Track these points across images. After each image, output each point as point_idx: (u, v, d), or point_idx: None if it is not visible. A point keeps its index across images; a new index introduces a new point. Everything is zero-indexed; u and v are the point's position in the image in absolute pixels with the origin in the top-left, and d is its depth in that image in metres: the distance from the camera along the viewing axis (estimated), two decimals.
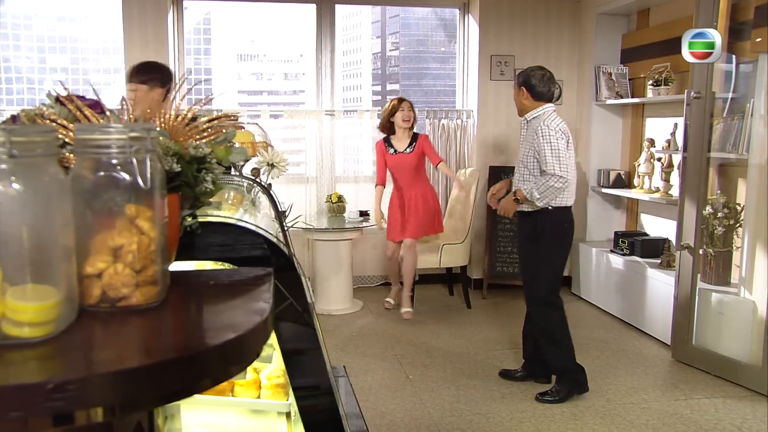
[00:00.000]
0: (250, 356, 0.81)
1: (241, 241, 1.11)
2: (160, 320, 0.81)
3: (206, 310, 0.89)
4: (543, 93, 3.34)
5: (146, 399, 0.69)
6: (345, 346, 4.15)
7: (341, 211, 5.23)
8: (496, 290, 5.41)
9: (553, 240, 3.34)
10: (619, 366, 3.86)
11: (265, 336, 0.83)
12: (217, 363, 0.74)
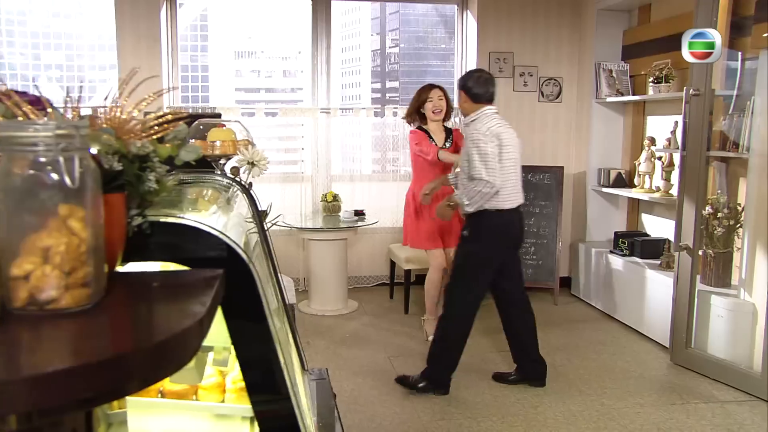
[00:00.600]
0: (181, 359, 0.79)
1: (195, 242, 1.10)
2: (89, 323, 0.79)
3: (141, 313, 0.88)
4: (480, 94, 3.40)
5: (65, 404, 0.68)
6: (337, 348, 4.14)
7: (336, 211, 5.21)
8: None
9: (481, 242, 3.35)
10: (616, 369, 3.83)
11: (197, 339, 0.81)
12: (142, 366, 0.73)
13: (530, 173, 5.31)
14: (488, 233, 3.33)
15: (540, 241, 5.24)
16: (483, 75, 3.47)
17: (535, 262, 5.24)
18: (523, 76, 5.43)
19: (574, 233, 5.51)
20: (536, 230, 5.26)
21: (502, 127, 3.34)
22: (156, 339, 0.77)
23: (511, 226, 3.39)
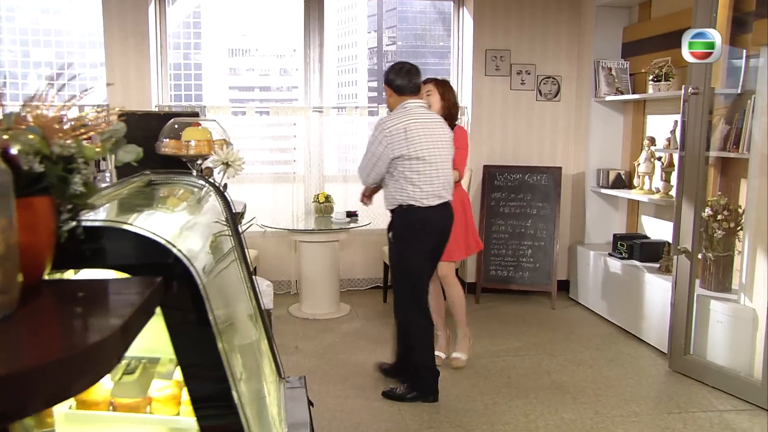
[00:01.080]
0: (95, 373, 0.74)
1: (133, 248, 1.04)
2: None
3: (58, 323, 0.82)
4: (403, 86, 3.25)
5: None
6: (326, 353, 4.08)
7: (329, 212, 5.16)
8: (490, 295, 5.32)
9: (406, 241, 3.30)
10: (612, 376, 3.76)
11: (114, 352, 0.76)
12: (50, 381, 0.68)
13: (527, 174, 5.25)
14: (410, 230, 3.28)
15: (537, 243, 5.18)
16: (405, 66, 3.30)
17: (532, 265, 5.18)
18: (521, 75, 5.36)
19: (573, 235, 5.44)
20: (533, 232, 5.19)
21: (416, 121, 3.20)
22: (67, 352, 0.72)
23: (431, 224, 3.29)
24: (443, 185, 3.29)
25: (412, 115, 3.21)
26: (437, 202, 3.25)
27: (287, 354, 4.06)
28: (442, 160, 3.28)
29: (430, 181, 3.22)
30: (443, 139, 3.29)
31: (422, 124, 3.21)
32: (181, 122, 2.31)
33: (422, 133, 3.19)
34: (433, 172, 3.23)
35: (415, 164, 3.18)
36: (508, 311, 5.03)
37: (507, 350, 4.17)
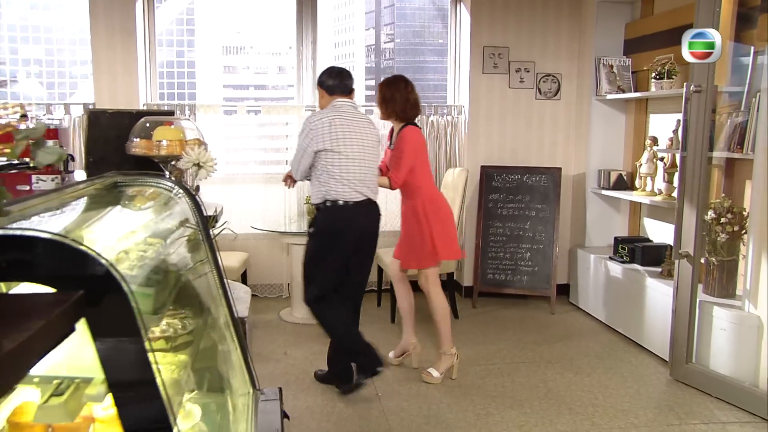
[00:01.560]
0: None
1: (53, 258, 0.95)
2: None
3: None
4: (333, 86, 3.35)
5: None
6: (314, 359, 3.99)
7: None
8: (487, 299, 5.22)
9: (324, 237, 3.34)
10: (611, 385, 3.66)
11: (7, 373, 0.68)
12: None
13: (526, 174, 5.15)
14: (328, 226, 3.32)
15: (536, 246, 5.08)
16: (336, 68, 3.45)
17: (531, 269, 5.08)
18: (519, 72, 5.27)
19: (573, 238, 5.34)
20: (532, 235, 5.09)
21: (342, 118, 3.28)
22: None
23: (352, 222, 3.32)
24: (365, 183, 3.33)
25: (337, 112, 3.30)
26: (359, 198, 3.30)
27: (275, 360, 3.98)
28: (366, 159, 3.34)
29: (351, 177, 3.28)
30: (368, 140, 3.36)
31: (347, 122, 3.29)
32: (153, 121, 2.23)
33: (346, 129, 3.27)
34: (354, 168, 3.28)
35: (337, 158, 3.25)
36: (505, 316, 4.93)
37: (503, 357, 4.07)
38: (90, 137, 2.28)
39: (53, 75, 6.49)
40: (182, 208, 2.02)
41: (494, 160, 5.29)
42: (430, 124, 5.34)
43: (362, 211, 3.32)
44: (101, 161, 2.25)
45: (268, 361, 3.96)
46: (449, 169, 5.18)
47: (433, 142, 5.35)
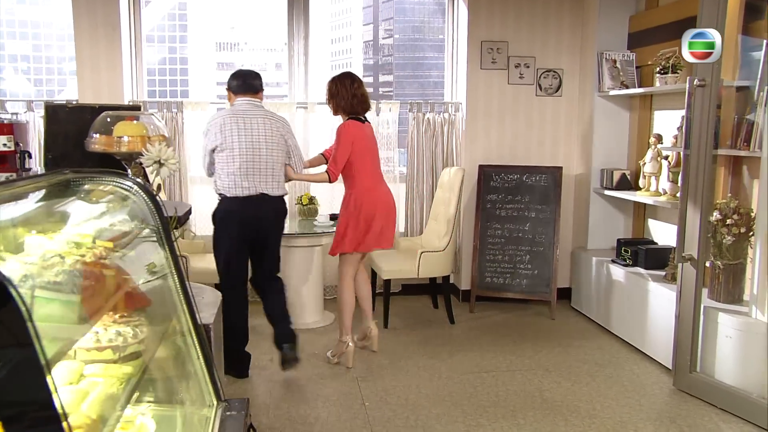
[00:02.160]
0: None
1: None
2: None
3: None
4: (236, 86, 3.58)
5: None
6: (301, 367, 3.88)
7: (313, 214, 4.98)
8: (485, 303, 5.11)
9: (216, 226, 3.62)
10: (610, 394, 3.53)
11: None
12: None
13: (526, 174, 5.03)
14: (217, 217, 3.60)
15: (536, 248, 4.96)
16: (241, 70, 3.70)
17: (531, 272, 4.96)
18: (519, 68, 5.15)
19: (575, 240, 5.21)
20: (532, 237, 4.97)
21: (236, 116, 3.49)
22: None
23: (238, 213, 3.53)
24: (255, 177, 3.51)
25: (235, 111, 3.52)
26: (246, 193, 3.50)
27: (260, 368, 3.88)
28: (259, 155, 3.51)
29: (239, 172, 3.47)
30: (266, 136, 3.52)
31: (242, 120, 3.49)
32: (114, 116, 2.13)
33: (241, 126, 3.47)
34: (243, 164, 3.48)
35: (226, 155, 3.47)
36: (503, 321, 4.81)
37: (497, 365, 3.95)
38: (49, 133, 2.18)
39: (41, 71, 6.41)
40: (140, 209, 1.92)
41: (493, 159, 5.17)
42: (426, 122, 5.23)
43: (251, 203, 3.52)
44: (62, 158, 2.16)
45: (252, 368, 3.85)
46: (445, 168, 5.07)
47: (429, 140, 5.24)
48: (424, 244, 4.92)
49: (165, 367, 1.91)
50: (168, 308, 1.93)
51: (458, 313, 4.91)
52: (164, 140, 2.14)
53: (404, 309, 5.11)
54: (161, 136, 2.15)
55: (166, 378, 1.91)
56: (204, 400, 2.01)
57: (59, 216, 1.67)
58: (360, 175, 3.82)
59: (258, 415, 3.23)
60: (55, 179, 1.78)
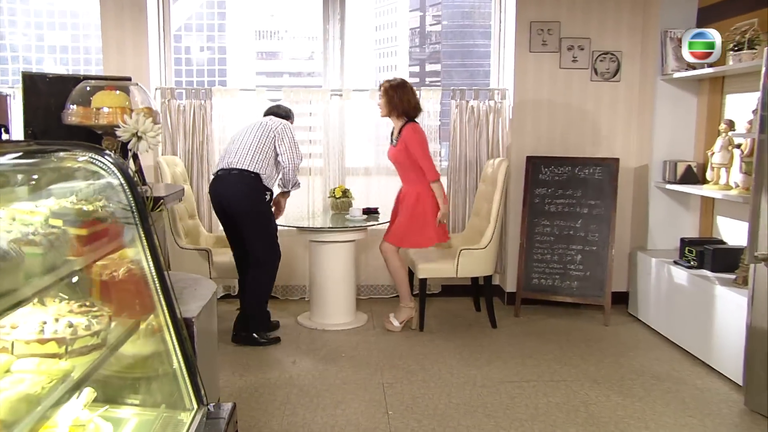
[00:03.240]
0: None
1: None
2: None
3: None
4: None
5: None
6: (325, 370, 3.70)
7: (346, 208, 4.78)
8: (532, 307, 4.81)
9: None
10: (668, 412, 3.18)
11: None
12: None
13: (578, 166, 4.70)
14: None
15: (588, 247, 4.62)
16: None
17: (582, 273, 4.62)
18: (572, 50, 4.81)
19: (633, 239, 4.84)
20: (583, 234, 4.63)
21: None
22: None
23: (211, 191, 4.05)
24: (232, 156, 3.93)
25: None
26: (217, 170, 4.00)
27: (281, 369, 3.71)
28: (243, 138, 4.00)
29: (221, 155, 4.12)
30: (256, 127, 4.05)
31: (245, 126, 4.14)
32: (95, 86, 1.98)
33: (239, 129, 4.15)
34: (227, 147, 4.08)
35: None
36: (550, 327, 4.49)
37: (540, 374, 3.66)
38: (28, 106, 2.06)
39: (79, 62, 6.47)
40: (111, 186, 1.75)
41: (542, 150, 4.85)
42: (469, 110, 4.96)
43: (218, 179, 3.96)
44: (43, 134, 2.03)
45: (273, 369, 3.69)
46: (489, 160, 4.79)
47: (473, 130, 4.97)
48: (465, 242, 4.65)
49: (134, 365, 1.74)
50: (140, 297, 1.76)
51: (501, 317, 4.62)
52: (150, 113, 1.98)
53: (443, 311, 4.86)
54: (147, 109, 2.00)
55: (134, 378, 1.75)
56: (182, 403, 1.83)
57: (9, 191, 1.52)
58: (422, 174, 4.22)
59: (269, 421, 3.05)
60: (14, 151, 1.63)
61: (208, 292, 2.14)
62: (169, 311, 1.82)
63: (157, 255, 1.81)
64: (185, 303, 2.04)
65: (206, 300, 2.05)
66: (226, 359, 3.83)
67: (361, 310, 4.80)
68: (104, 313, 1.60)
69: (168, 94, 4.76)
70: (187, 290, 2.17)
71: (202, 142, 4.81)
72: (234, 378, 3.56)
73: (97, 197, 1.69)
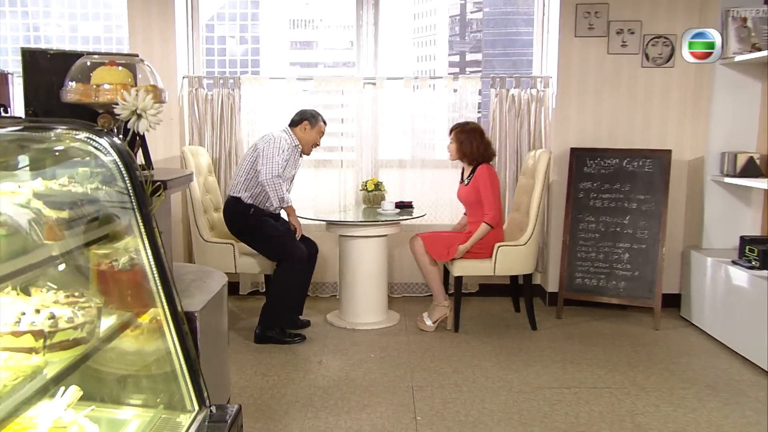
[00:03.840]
0: None
1: None
2: None
3: None
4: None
5: None
6: (352, 372, 3.57)
7: (379, 202, 4.64)
8: (576, 308, 4.60)
9: None
10: (725, 426, 2.94)
11: None
12: None
13: (627, 158, 4.46)
14: None
15: (636, 245, 4.37)
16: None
17: (630, 273, 4.38)
18: (622, 34, 4.57)
19: (686, 237, 4.57)
20: (632, 232, 4.39)
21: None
22: None
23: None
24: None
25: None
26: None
27: (306, 370, 3.60)
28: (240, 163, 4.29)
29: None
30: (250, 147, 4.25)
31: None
32: (96, 62, 1.89)
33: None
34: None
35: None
36: (595, 330, 4.27)
37: (582, 380, 3.45)
38: (29, 84, 1.99)
39: None
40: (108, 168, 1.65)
41: (587, 142, 4.62)
42: (510, 99, 4.76)
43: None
44: (45, 113, 1.95)
45: (297, 370, 3.58)
46: (531, 152, 4.59)
47: (513, 120, 4.78)
48: (504, 238, 4.46)
49: (129, 361, 1.64)
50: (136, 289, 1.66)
51: (542, 319, 4.42)
52: (153, 91, 1.88)
53: (480, 312, 4.68)
54: (151, 87, 1.89)
55: (129, 376, 1.64)
56: (183, 404, 1.72)
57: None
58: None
59: (290, 424, 2.94)
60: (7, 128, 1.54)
61: (217, 285, 2.03)
62: (169, 304, 1.71)
63: (156, 243, 1.70)
64: (191, 296, 1.93)
65: (213, 293, 1.94)
66: (249, 358, 3.74)
67: (393, 309, 4.66)
68: (92, 304, 1.49)
69: (195, 83, 4.70)
70: (195, 283, 2.06)
71: (230, 132, 4.73)
72: (256, 378, 3.46)
73: (89, 179, 1.58)
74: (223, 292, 2.07)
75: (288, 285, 4.01)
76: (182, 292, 2.05)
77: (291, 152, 4.13)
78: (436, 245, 4.20)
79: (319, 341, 4.07)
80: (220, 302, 2.05)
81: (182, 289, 2.05)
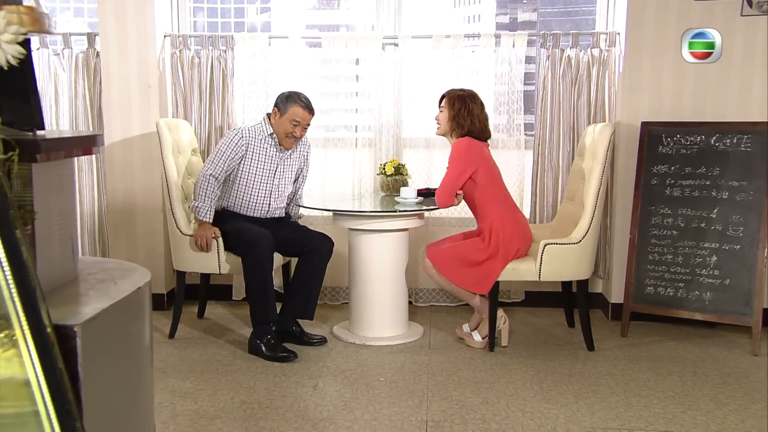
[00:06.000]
0: None
1: None
2: None
3: None
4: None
5: None
6: (352, 401, 3.17)
7: (399, 188, 4.23)
8: (645, 324, 4.17)
9: None
10: None
11: None
12: None
13: (715, 135, 4.02)
14: None
15: (727, 246, 3.88)
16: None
17: (719, 282, 3.90)
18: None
19: None
20: (721, 228, 3.91)
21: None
22: None
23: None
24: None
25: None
26: None
27: (296, 396, 3.23)
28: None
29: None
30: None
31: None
32: None
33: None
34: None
35: None
36: (670, 353, 3.81)
37: (652, 420, 2.99)
38: None
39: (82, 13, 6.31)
40: None
41: (664, 114, 4.15)
42: (565, 62, 4.31)
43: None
44: None
45: (285, 396, 3.21)
46: (589, 126, 4.13)
47: (569, 87, 4.32)
48: (552, 234, 4.01)
49: None
50: None
51: (602, 337, 3.99)
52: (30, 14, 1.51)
53: (524, 325, 4.27)
54: (25, 8, 1.52)
55: None
56: None
57: None
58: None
59: None
60: None
61: (131, 286, 1.64)
62: (28, 318, 1.34)
63: (9, 228, 1.33)
64: (81, 303, 1.56)
65: (117, 299, 1.56)
66: (228, 379, 3.41)
67: (417, 320, 4.27)
68: None
69: (179, 42, 4.39)
70: (102, 285, 1.69)
71: (221, 103, 4.41)
72: (231, 405, 3.10)
73: None
74: (141, 295, 1.68)
75: (251, 276, 3.74)
76: (75, 298, 1.69)
77: (256, 145, 3.87)
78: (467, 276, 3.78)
79: (319, 359, 3.70)
80: (134, 309, 1.67)
81: (77, 294, 1.69)
